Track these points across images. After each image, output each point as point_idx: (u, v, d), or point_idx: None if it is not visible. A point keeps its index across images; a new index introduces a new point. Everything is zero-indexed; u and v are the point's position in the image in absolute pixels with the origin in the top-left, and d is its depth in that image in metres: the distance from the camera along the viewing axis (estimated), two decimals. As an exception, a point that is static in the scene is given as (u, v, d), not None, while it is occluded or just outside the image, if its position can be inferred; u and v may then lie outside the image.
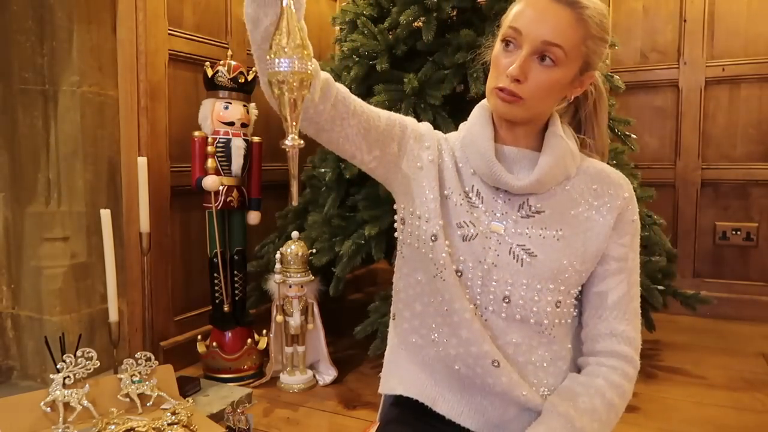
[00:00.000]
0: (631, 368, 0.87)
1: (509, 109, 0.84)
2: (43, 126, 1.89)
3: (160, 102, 2.05)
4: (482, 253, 0.86)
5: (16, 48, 1.85)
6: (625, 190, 0.90)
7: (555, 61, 0.81)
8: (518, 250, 0.86)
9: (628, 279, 0.89)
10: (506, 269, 0.85)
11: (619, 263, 0.89)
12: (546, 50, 0.81)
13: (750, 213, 2.79)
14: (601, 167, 0.92)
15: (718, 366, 2.16)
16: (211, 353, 2.00)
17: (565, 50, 0.81)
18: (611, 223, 0.88)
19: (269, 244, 2.23)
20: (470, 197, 0.90)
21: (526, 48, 0.81)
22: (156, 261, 2.04)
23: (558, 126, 0.90)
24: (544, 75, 0.82)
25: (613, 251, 0.88)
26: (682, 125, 2.86)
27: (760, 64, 2.72)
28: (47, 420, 1.46)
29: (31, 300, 1.93)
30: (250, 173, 2.08)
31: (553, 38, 0.80)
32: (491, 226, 0.88)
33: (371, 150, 0.89)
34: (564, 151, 0.88)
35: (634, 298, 0.90)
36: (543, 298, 0.84)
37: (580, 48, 0.83)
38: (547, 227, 0.87)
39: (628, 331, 0.88)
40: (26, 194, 1.91)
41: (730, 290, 2.79)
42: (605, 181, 0.90)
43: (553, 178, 0.87)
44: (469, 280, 0.86)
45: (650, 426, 1.68)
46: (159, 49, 2.03)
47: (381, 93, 1.89)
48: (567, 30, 0.81)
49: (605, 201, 0.89)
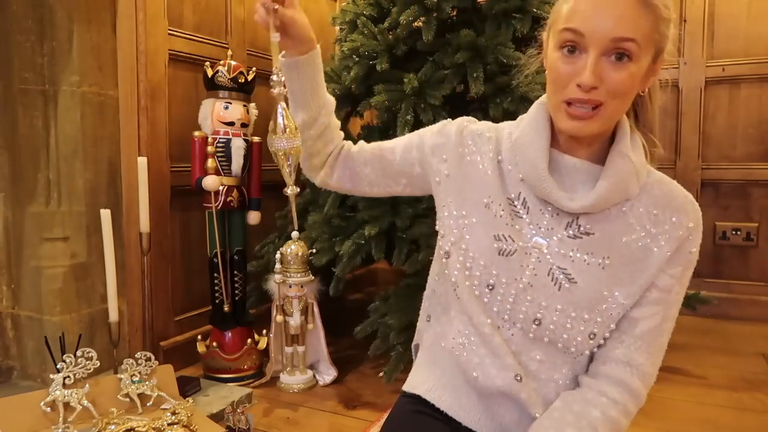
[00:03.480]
0: (634, 405, 0.82)
1: (585, 125, 0.76)
2: (43, 126, 1.89)
3: (160, 102, 2.05)
4: (519, 271, 0.81)
5: (16, 48, 1.85)
6: (691, 219, 0.80)
7: (630, 56, 0.72)
8: (558, 272, 0.80)
9: (665, 312, 0.81)
10: (542, 291, 0.80)
11: (661, 294, 0.80)
12: (618, 47, 0.72)
13: (750, 213, 2.79)
14: (668, 189, 0.83)
15: (718, 366, 2.16)
16: (211, 353, 2.00)
17: (638, 42, 0.72)
18: (667, 255, 0.79)
19: (269, 244, 2.23)
20: (515, 205, 0.84)
21: (594, 49, 0.72)
22: (156, 261, 2.04)
23: (626, 139, 0.80)
24: (620, 75, 0.73)
25: (660, 280, 0.80)
26: (682, 125, 2.86)
27: (760, 64, 2.72)
28: (47, 420, 1.46)
29: (31, 300, 1.93)
30: (250, 173, 2.08)
31: (625, 32, 0.71)
32: (533, 241, 0.82)
33: (398, 182, 0.96)
34: (628, 173, 0.79)
35: (665, 333, 0.82)
36: (576, 327, 0.79)
37: (653, 36, 0.74)
38: (593, 252, 0.80)
39: (646, 365, 0.80)
40: (26, 194, 1.91)
41: (730, 290, 2.79)
42: (669, 206, 0.80)
43: (609, 201, 0.79)
44: (500, 295, 0.82)
45: (650, 426, 1.68)
46: (159, 49, 2.03)
47: (381, 93, 1.89)
48: (636, 19, 0.71)
49: (665, 229, 0.79)
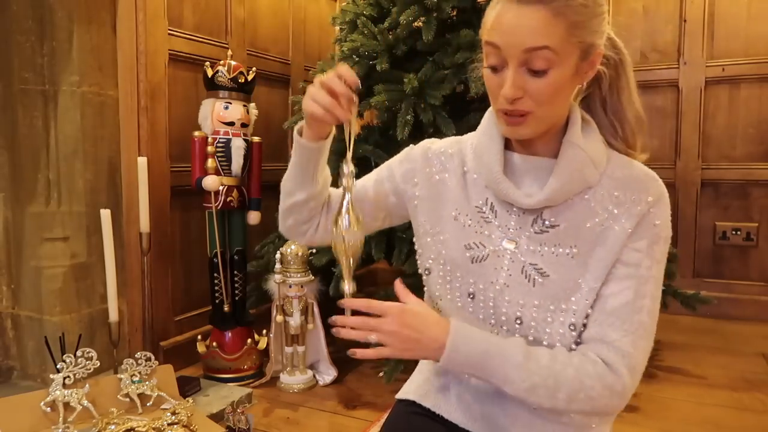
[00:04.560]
0: (612, 377, 0.76)
1: (518, 129, 0.79)
2: (43, 126, 1.89)
3: (160, 102, 2.05)
4: (494, 274, 0.83)
5: (16, 48, 1.85)
6: (651, 193, 0.80)
7: (548, 63, 0.74)
8: (530, 269, 0.81)
9: (637, 288, 0.78)
10: (517, 290, 0.81)
11: (627, 268, 0.79)
12: (532, 58, 0.74)
13: (750, 213, 2.79)
14: (629, 171, 0.83)
15: (718, 366, 2.16)
16: (211, 353, 2.00)
17: (553, 49, 0.73)
18: (629, 231, 0.79)
19: (269, 244, 2.23)
20: (483, 211, 0.86)
21: (512, 62, 0.75)
22: (156, 261, 2.04)
23: (576, 130, 0.82)
24: (541, 83, 0.75)
25: (624, 255, 0.79)
26: (682, 125, 2.86)
27: (760, 64, 2.72)
28: (47, 420, 1.46)
29: (31, 300, 1.93)
30: (250, 173, 2.07)
31: (536, 42, 0.73)
32: (504, 242, 0.84)
33: (377, 217, 0.97)
34: (581, 163, 0.80)
35: (642, 311, 0.78)
36: (556, 320, 0.80)
37: (570, 40, 0.74)
38: (560, 243, 0.81)
39: (622, 342, 0.77)
40: (26, 194, 1.91)
41: (730, 290, 2.79)
42: (630, 186, 0.81)
43: (567, 193, 0.81)
44: (481, 302, 0.84)
45: (650, 426, 1.68)
46: (159, 49, 2.03)
47: (381, 93, 1.89)
48: (547, 28, 0.72)
49: (626, 208, 0.80)
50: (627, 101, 0.86)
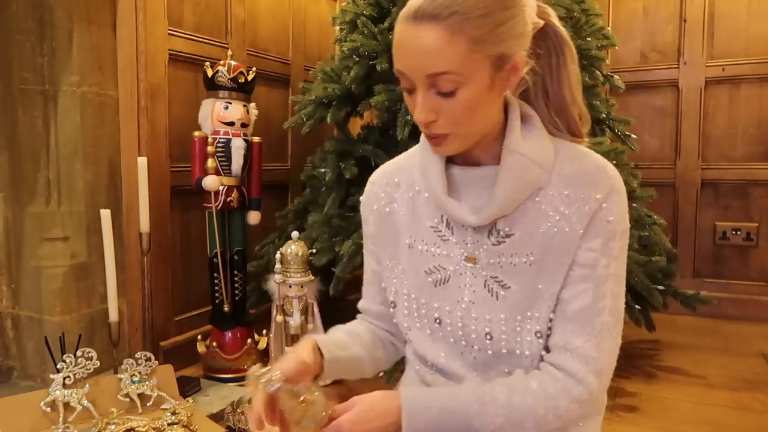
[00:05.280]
0: (579, 389, 0.74)
1: (442, 149, 0.77)
2: (43, 126, 1.89)
3: (160, 102, 2.05)
4: (458, 293, 0.81)
5: (16, 48, 1.85)
6: (600, 189, 0.75)
7: (454, 84, 0.69)
8: (491, 282, 0.79)
9: (594, 289, 0.75)
10: (483, 305, 0.80)
11: (584, 270, 0.76)
12: (437, 81, 0.69)
13: (750, 213, 2.79)
14: (578, 165, 0.78)
15: (718, 366, 2.16)
16: (211, 353, 2.00)
17: (456, 71, 0.68)
18: (580, 232, 0.75)
19: (269, 244, 2.23)
20: (439, 230, 0.84)
21: (419, 87, 0.71)
22: (156, 261, 2.04)
23: (515, 134, 0.77)
24: (453, 104, 0.71)
25: (579, 256, 0.76)
26: (682, 125, 2.86)
27: (760, 64, 2.72)
28: (47, 420, 1.46)
29: (31, 300, 1.93)
30: (250, 173, 2.08)
31: (436, 67, 0.68)
32: (464, 260, 0.81)
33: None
34: (523, 168, 0.76)
35: (603, 312, 0.76)
36: (524, 329, 0.78)
37: (473, 57, 0.68)
38: (518, 252, 0.78)
39: (585, 348, 0.75)
40: (26, 194, 1.91)
41: (730, 290, 2.79)
42: (579, 183, 0.76)
43: (515, 201, 0.77)
44: (449, 326, 0.82)
45: (650, 426, 1.68)
46: (159, 49, 2.03)
47: (381, 93, 1.89)
48: (445, 51, 0.67)
49: (576, 207, 0.76)
50: (568, 90, 0.81)
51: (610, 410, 1.74)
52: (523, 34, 0.72)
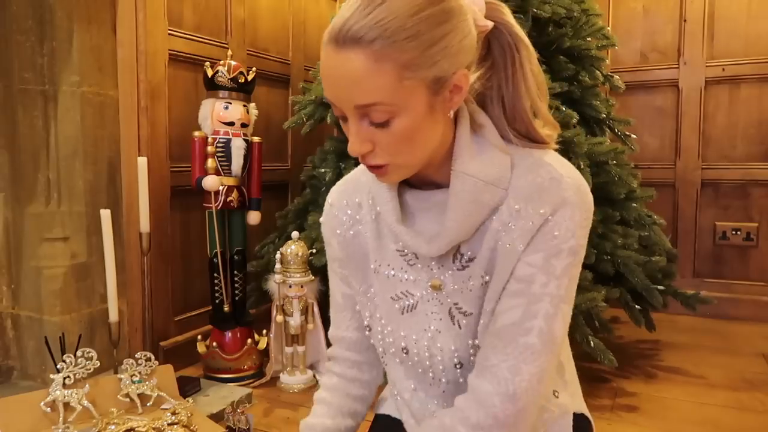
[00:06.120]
0: (480, 415, 0.68)
1: (386, 179, 0.71)
2: (43, 126, 1.89)
3: (160, 102, 2.05)
4: (425, 321, 0.76)
5: (16, 48, 1.85)
6: (548, 203, 0.68)
7: (387, 114, 0.63)
8: (454, 310, 0.75)
9: (525, 307, 0.68)
10: (448, 335, 0.75)
11: (519, 284, 0.69)
12: (368, 112, 0.63)
13: (750, 213, 2.79)
14: (533, 177, 0.70)
15: (718, 366, 2.16)
16: (211, 353, 2.00)
17: (385, 102, 0.62)
18: (520, 248, 0.69)
19: (269, 244, 2.23)
20: (405, 253, 0.78)
21: (350, 117, 0.65)
22: (156, 261, 2.04)
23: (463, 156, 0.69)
24: (388, 135, 0.64)
25: (517, 269, 0.69)
26: (682, 125, 2.86)
27: (760, 64, 2.72)
28: (47, 420, 1.46)
29: (31, 300, 1.93)
30: (250, 173, 2.08)
31: (364, 99, 0.62)
32: (429, 286, 0.76)
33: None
34: (474, 191, 0.69)
35: (530, 332, 0.68)
36: None
37: (403, 84, 0.61)
38: (476, 275, 0.73)
39: (500, 368, 0.68)
40: (26, 194, 1.91)
41: (730, 290, 2.79)
42: (530, 197, 0.69)
43: (472, 225, 0.70)
44: (416, 356, 0.77)
45: (650, 426, 1.68)
46: (159, 49, 2.03)
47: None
48: (371, 81, 0.60)
49: (522, 223, 0.69)
50: (526, 94, 0.72)
51: (610, 410, 1.74)
52: (462, 49, 0.65)
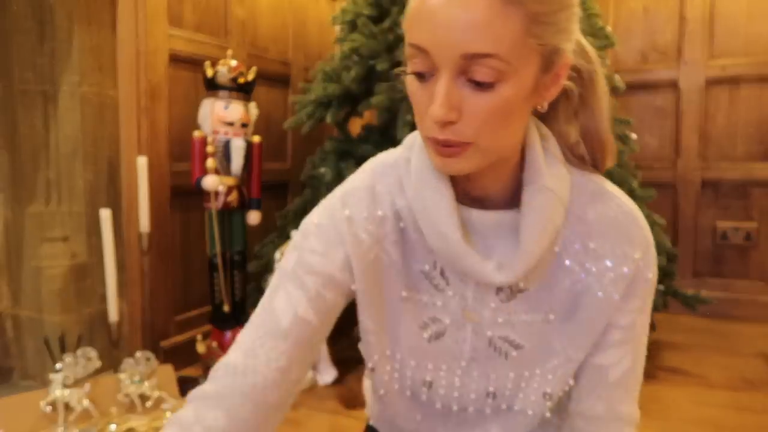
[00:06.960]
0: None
1: (451, 164, 0.57)
2: (43, 126, 1.89)
3: (160, 102, 2.05)
4: (457, 348, 0.68)
5: (16, 48, 1.85)
6: (637, 246, 0.63)
7: (495, 75, 0.52)
8: (500, 342, 0.67)
9: (634, 350, 0.67)
10: (487, 363, 0.68)
11: (624, 333, 0.66)
12: (473, 66, 0.52)
13: (750, 213, 2.79)
14: (603, 211, 0.64)
15: (718, 366, 2.16)
16: (211, 353, 2.00)
17: (503, 57, 0.51)
18: (616, 298, 0.64)
19: (269, 244, 2.23)
20: (432, 277, 0.66)
21: (445, 70, 0.53)
22: (156, 261, 2.04)
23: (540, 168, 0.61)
24: (485, 101, 0.53)
25: (619, 319, 0.65)
26: (682, 125, 2.86)
27: (760, 64, 2.72)
28: (47, 420, 1.46)
29: (31, 300, 1.93)
30: (250, 173, 2.07)
31: (479, 47, 0.51)
32: (463, 314, 0.66)
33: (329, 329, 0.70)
34: (553, 211, 0.61)
35: (638, 367, 0.69)
36: (530, 386, 0.68)
37: (527, 42, 0.52)
38: (533, 309, 0.66)
39: (631, 410, 0.69)
40: (26, 194, 1.91)
41: (730, 290, 2.79)
42: (608, 235, 0.63)
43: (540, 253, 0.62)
44: (442, 388, 0.69)
45: (650, 426, 1.68)
46: (159, 49, 2.03)
47: (381, 93, 1.89)
48: (495, 25, 0.51)
49: (607, 267, 0.63)
50: (601, 121, 0.66)
51: (610, 410, 1.75)
52: (574, 35, 0.58)
